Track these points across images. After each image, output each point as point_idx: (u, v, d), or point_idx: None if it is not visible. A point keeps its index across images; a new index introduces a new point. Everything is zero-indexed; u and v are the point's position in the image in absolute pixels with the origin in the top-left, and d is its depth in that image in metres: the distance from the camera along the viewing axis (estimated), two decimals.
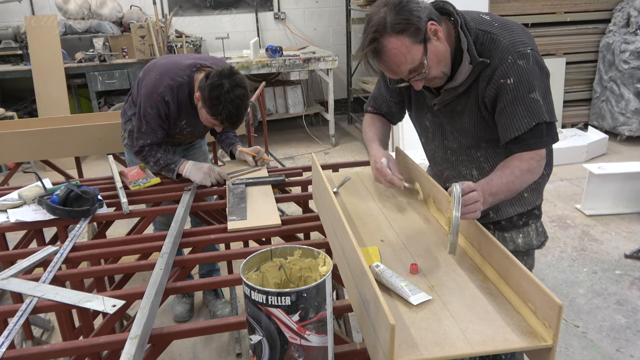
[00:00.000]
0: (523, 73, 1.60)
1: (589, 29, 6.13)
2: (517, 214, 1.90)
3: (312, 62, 6.14)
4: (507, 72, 1.60)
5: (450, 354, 1.13)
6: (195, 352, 2.85)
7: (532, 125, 1.62)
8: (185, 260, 1.88)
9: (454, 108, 1.78)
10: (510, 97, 1.62)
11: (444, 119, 1.85)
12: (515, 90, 1.61)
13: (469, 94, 1.72)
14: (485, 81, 1.65)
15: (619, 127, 5.95)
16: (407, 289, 1.32)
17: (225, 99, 2.31)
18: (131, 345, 1.32)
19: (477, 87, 1.68)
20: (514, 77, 1.60)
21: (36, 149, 3.12)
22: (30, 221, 2.18)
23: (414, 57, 1.57)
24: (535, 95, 1.61)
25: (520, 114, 1.62)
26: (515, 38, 1.63)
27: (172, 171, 2.57)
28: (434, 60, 1.61)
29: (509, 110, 1.63)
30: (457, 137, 1.85)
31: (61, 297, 1.60)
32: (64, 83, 5.79)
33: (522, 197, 1.87)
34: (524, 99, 1.61)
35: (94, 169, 5.66)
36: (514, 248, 1.91)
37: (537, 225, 1.94)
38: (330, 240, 1.75)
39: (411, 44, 1.55)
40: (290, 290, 1.06)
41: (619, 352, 2.73)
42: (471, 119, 1.76)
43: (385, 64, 1.61)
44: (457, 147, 1.87)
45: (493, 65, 1.62)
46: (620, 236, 3.92)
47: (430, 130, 1.94)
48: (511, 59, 1.60)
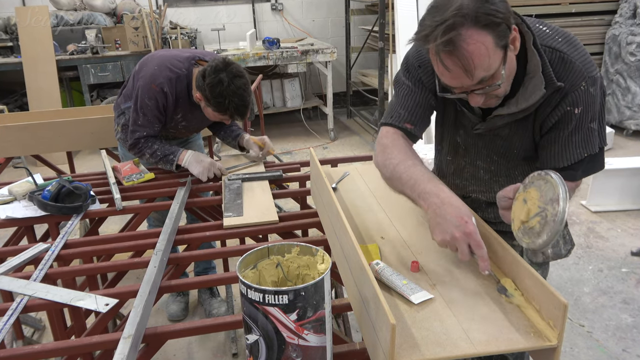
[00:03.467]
0: (591, 102, 1.46)
1: (594, 20, 6.12)
2: None
3: (310, 54, 6.13)
4: (578, 100, 1.44)
5: (453, 354, 1.13)
6: (190, 352, 2.85)
7: (583, 157, 1.51)
8: (180, 258, 1.88)
9: (499, 133, 1.60)
10: (572, 127, 1.48)
11: (481, 142, 1.67)
12: (579, 120, 1.47)
13: (525, 120, 1.54)
14: (551, 107, 1.48)
15: (626, 121, 5.95)
16: (408, 287, 1.32)
17: (228, 93, 2.32)
18: (124, 345, 1.32)
19: (536, 112, 1.52)
20: (583, 107, 1.45)
21: (27, 144, 3.12)
22: (20, 217, 2.18)
23: (492, 63, 1.32)
24: (595, 124, 1.49)
25: (575, 143, 1.50)
26: (585, 58, 1.45)
27: (170, 162, 2.56)
28: (507, 73, 1.38)
29: (565, 139, 1.50)
30: (496, 160, 1.69)
31: (52, 295, 1.60)
32: (55, 76, 5.78)
33: None
34: (582, 129, 1.49)
35: (87, 164, 5.66)
36: (543, 260, 1.75)
37: (564, 233, 1.75)
38: (329, 237, 1.75)
39: (494, 45, 1.30)
40: (288, 289, 1.06)
41: (625, 352, 2.74)
42: (522, 144, 1.60)
43: (460, 61, 1.30)
44: (495, 169, 1.71)
45: (564, 90, 1.45)
46: (627, 233, 3.92)
47: (462, 147, 1.74)
48: (584, 86, 1.43)
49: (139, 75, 2.54)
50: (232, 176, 2.45)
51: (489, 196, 1.78)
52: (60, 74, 5.93)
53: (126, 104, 2.66)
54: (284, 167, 2.69)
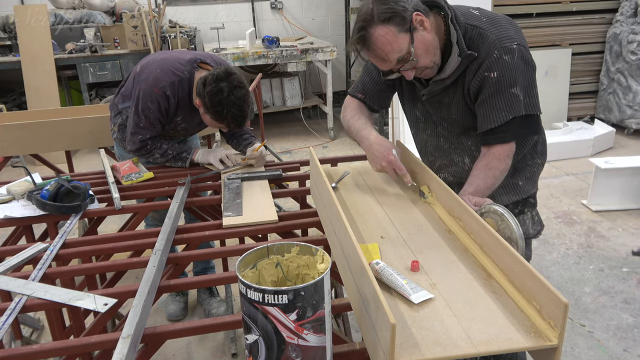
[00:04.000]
0: (507, 68, 1.71)
1: (595, 19, 6.12)
2: (513, 202, 1.98)
3: (310, 53, 6.13)
4: (492, 66, 1.71)
5: (453, 354, 1.13)
6: (189, 352, 2.85)
7: (508, 119, 1.74)
8: (179, 258, 1.87)
9: (441, 100, 1.89)
10: (492, 91, 1.73)
11: (432, 109, 1.96)
12: (497, 84, 1.72)
13: (456, 86, 1.83)
14: (472, 74, 1.76)
15: (627, 120, 5.95)
16: (408, 287, 1.32)
17: (227, 103, 2.35)
18: (123, 345, 1.32)
19: (463, 80, 1.80)
20: (498, 72, 1.71)
21: (25, 143, 3.12)
22: (19, 217, 2.18)
23: (400, 46, 1.67)
24: (516, 90, 1.73)
25: (499, 106, 1.74)
26: (503, 33, 1.73)
27: (184, 160, 2.62)
28: (422, 49, 1.70)
29: (489, 102, 1.75)
30: (446, 127, 1.97)
31: (51, 295, 1.60)
32: (54, 74, 5.78)
33: (516, 185, 1.97)
34: (504, 93, 1.73)
35: (85, 164, 5.66)
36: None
37: (532, 214, 2.02)
38: (329, 237, 1.75)
39: (397, 32, 1.65)
40: (288, 289, 1.06)
41: (626, 352, 2.74)
42: (458, 110, 1.87)
43: (374, 53, 1.70)
44: (449, 135, 1.98)
45: (480, 58, 1.73)
46: (628, 232, 3.92)
47: (421, 120, 2.05)
48: (497, 54, 1.70)
49: (140, 77, 2.54)
50: (232, 175, 2.45)
51: (455, 171, 2.05)
52: (59, 72, 5.93)
53: (124, 104, 2.66)
54: (284, 166, 2.69)
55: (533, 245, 3.78)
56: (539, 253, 3.70)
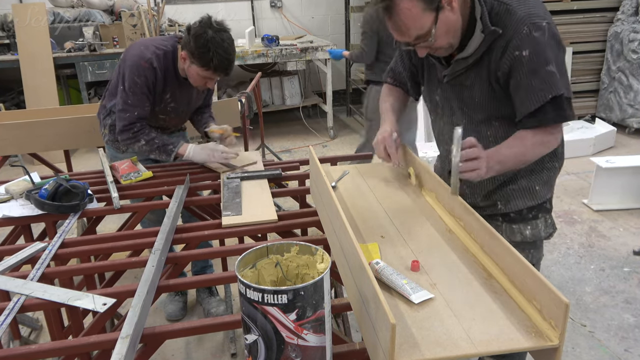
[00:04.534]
0: (539, 45, 1.60)
1: (596, 18, 6.12)
2: (527, 207, 1.91)
3: (309, 51, 6.13)
4: (522, 44, 1.60)
5: (453, 354, 1.13)
6: (188, 352, 2.85)
7: (548, 98, 1.62)
8: (178, 257, 1.87)
9: (463, 82, 1.80)
10: (525, 70, 1.62)
11: (452, 93, 1.86)
12: (530, 62, 1.61)
13: (480, 66, 1.72)
14: (499, 53, 1.66)
15: (628, 119, 5.95)
16: (408, 286, 1.32)
17: (213, 44, 2.39)
18: (122, 345, 1.32)
19: (489, 59, 1.69)
20: (529, 49, 1.60)
21: (24, 142, 3.12)
22: (17, 216, 2.17)
23: (423, 24, 1.60)
24: (552, 67, 1.61)
25: (536, 87, 1.62)
26: (532, 10, 1.63)
27: (169, 152, 2.59)
28: (443, 29, 1.63)
29: (524, 83, 1.64)
30: (467, 113, 1.85)
31: (50, 295, 1.60)
32: (52, 73, 5.77)
33: (533, 190, 1.89)
34: (539, 72, 1.61)
35: (84, 163, 5.65)
36: (521, 239, 1.92)
37: (546, 218, 1.95)
38: (329, 237, 1.74)
39: (423, 9, 1.57)
40: (287, 288, 1.06)
41: (627, 352, 2.74)
42: (482, 93, 1.77)
43: (394, 24, 1.63)
44: (467, 123, 1.85)
45: (507, 36, 1.63)
46: (629, 232, 3.92)
47: (439, 106, 1.95)
48: (526, 30, 1.60)
49: (124, 61, 2.58)
50: (231, 175, 2.44)
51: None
52: (58, 71, 5.92)
53: (111, 102, 2.69)
54: (283, 165, 2.68)
55: None
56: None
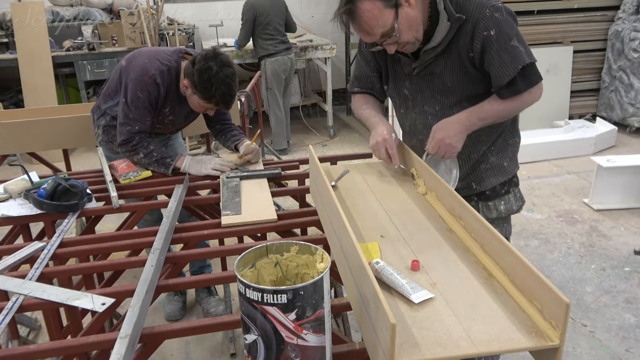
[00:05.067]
0: (501, 24, 1.81)
1: (597, 16, 6.12)
2: (500, 183, 2.11)
3: (309, 50, 6.12)
4: (488, 24, 1.80)
5: (453, 354, 1.13)
6: (187, 352, 2.85)
7: (518, 69, 1.82)
8: (178, 257, 1.87)
9: (433, 70, 1.95)
10: (495, 48, 1.81)
11: (423, 83, 2.01)
12: (497, 40, 1.81)
13: (448, 52, 1.90)
14: (469, 36, 1.84)
15: (629, 118, 5.95)
16: (408, 286, 1.32)
17: (216, 80, 2.38)
18: (121, 345, 1.32)
19: (457, 44, 1.87)
20: (495, 29, 1.80)
21: (22, 141, 3.11)
22: (16, 216, 2.17)
23: (385, 21, 1.75)
24: (515, 42, 1.82)
25: (506, 61, 1.82)
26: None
27: (167, 166, 2.55)
28: (405, 25, 1.78)
29: (497, 59, 1.83)
30: (439, 99, 2.01)
31: (48, 295, 1.60)
32: (51, 72, 5.77)
33: (502, 166, 2.09)
34: (506, 48, 1.81)
35: (83, 162, 5.65)
36: (497, 215, 2.12)
37: (515, 192, 2.15)
38: (328, 236, 1.74)
39: (383, 7, 1.73)
40: (287, 288, 1.06)
41: (628, 352, 2.74)
42: (453, 77, 1.93)
43: (359, 26, 1.78)
44: (439, 109, 2.02)
45: (472, 20, 1.82)
46: (630, 232, 3.92)
47: (409, 99, 2.09)
48: (489, 12, 1.80)
49: (127, 69, 2.54)
50: (231, 174, 2.44)
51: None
52: (56, 70, 5.93)
53: (107, 104, 2.67)
54: (283, 164, 2.68)
55: (533, 244, 3.79)
56: (540, 252, 3.70)
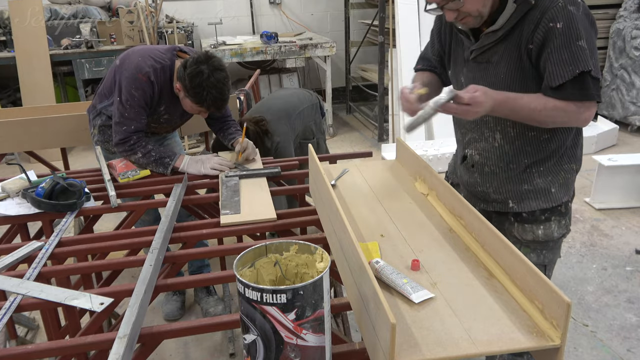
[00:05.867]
0: (573, 19, 1.60)
1: (598, 14, 6.11)
2: (540, 209, 1.88)
3: (309, 48, 6.12)
4: (557, 15, 1.60)
5: (454, 354, 1.13)
6: (186, 352, 2.85)
7: (576, 74, 1.61)
8: (176, 256, 1.87)
9: (490, 58, 1.78)
10: (558, 43, 1.61)
11: (478, 72, 1.83)
12: (562, 35, 1.60)
13: (509, 40, 1.71)
14: (533, 25, 1.64)
15: (630, 116, 5.95)
16: (409, 286, 1.32)
17: (207, 85, 2.39)
18: (120, 344, 1.32)
19: (520, 33, 1.68)
20: (564, 22, 1.60)
21: (20, 140, 3.11)
22: (14, 215, 2.17)
23: None
24: (583, 43, 1.61)
25: (565, 60, 1.61)
26: None
27: (166, 166, 2.55)
28: None
29: (555, 56, 1.63)
30: None
31: (46, 294, 1.60)
32: (49, 70, 5.76)
33: (549, 192, 1.86)
34: (570, 46, 1.61)
35: (81, 161, 5.64)
36: (532, 238, 1.91)
37: (559, 220, 1.92)
38: (328, 235, 1.74)
39: None
40: (286, 288, 1.06)
41: (630, 352, 2.74)
42: (508, 69, 1.74)
43: None
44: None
45: (542, 7, 1.62)
46: (632, 231, 3.92)
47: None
48: (562, 3, 1.60)
49: (121, 68, 2.55)
50: (230, 173, 2.44)
51: (482, 148, 1.92)
52: (54, 68, 5.91)
53: (102, 104, 2.67)
54: (282, 163, 2.68)
55: None
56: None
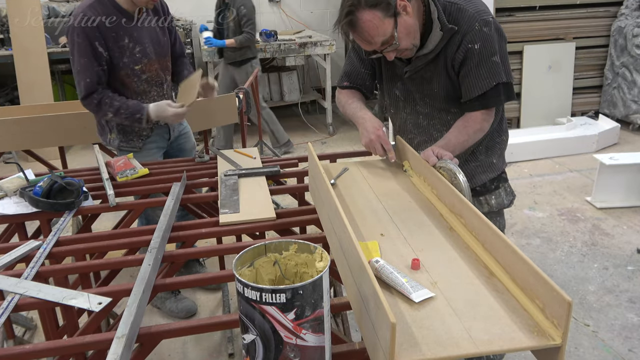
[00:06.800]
0: (487, 39, 1.90)
1: (599, 12, 6.11)
2: (489, 180, 2.20)
3: (308, 46, 6.12)
4: (475, 38, 1.89)
5: (454, 354, 1.13)
6: (185, 352, 2.85)
7: (492, 85, 1.93)
8: (175, 256, 1.87)
9: (423, 75, 2.05)
10: (476, 61, 1.91)
11: (414, 86, 2.11)
12: (480, 54, 1.90)
13: (437, 60, 1.99)
14: (455, 46, 1.92)
15: (632, 115, 5.95)
16: (409, 285, 1.32)
17: None
18: (118, 344, 1.32)
19: (445, 53, 1.96)
20: (480, 43, 1.89)
21: (18, 139, 3.11)
22: (11, 214, 2.17)
23: (385, 30, 1.83)
24: (497, 58, 1.92)
25: (483, 75, 1.93)
26: (478, 7, 1.92)
27: (139, 120, 2.65)
28: (404, 32, 1.87)
29: (473, 72, 1.93)
30: (428, 102, 2.11)
31: (44, 294, 1.59)
32: (47, 69, 5.76)
33: (492, 163, 2.19)
34: (487, 62, 1.92)
35: (79, 160, 5.65)
36: (488, 209, 2.21)
37: (505, 187, 2.26)
38: (328, 235, 1.74)
39: (382, 17, 1.81)
40: (286, 287, 1.06)
41: (631, 352, 2.74)
42: (440, 84, 2.03)
43: (360, 35, 1.86)
44: (429, 111, 2.13)
45: (462, 31, 1.90)
46: (633, 230, 3.93)
47: (400, 99, 2.20)
48: (478, 26, 1.88)
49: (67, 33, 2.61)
50: (229, 172, 2.44)
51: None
52: (52, 66, 5.92)
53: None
54: (282, 162, 2.68)
55: (535, 243, 3.79)
56: (542, 251, 3.70)
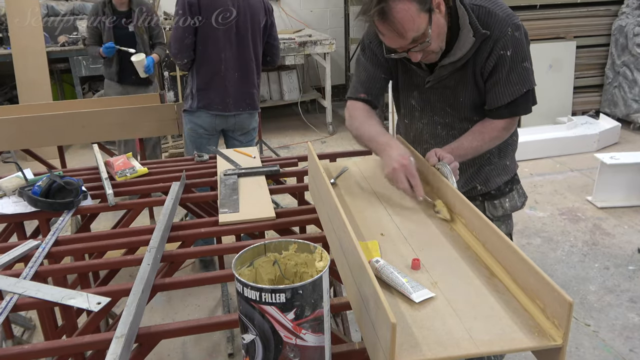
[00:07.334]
0: (518, 44, 1.81)
1: (600, 11, 6.11)
2: (504, 182, 2.14)
3: (308, 45, 6.12)
4: (507, 44, 1.79)
5: (454, 354, 1.13)
6: (184, 352, 2.85)
7: (522, 92, 1.85)
8: (174, 255, 1.87)
9: (446, 84, 1.93)
10: (507, 68, 1.82)
11: (433, 95, 1.99)
12: (512, 61, 1.81)
13: (465, 68, 1.87)
14: (486, 53, 1.82)
15: (633, 114, 5.95)
16: (409, 285, 1.32)
17: None
18: (117, 344, 1.32)
19: (474, 60, 1.85)
20: (512, 49, 1.80)
21: (17, 138, 3.11)
22: (10, 214, 2.17)
23: (419, 24, 1.67)
24: (527, 64, 1.84)
25: (513, 81, 1.84)
26: (506, 10, 1.82)
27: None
28: (436, 32, 1.74)
29: (503, 78, 1.84)
30: (449, 112, 2.00)
31: (43, 294, 1.59)
32: (46, 68, 5.76)
33: (506, 166, 2.12)
34: (517, 68, 1.83)
35: (78, 159, 5.65)
36: (502, 213, 2.15)
37: (518, 188, 2.19)
38: (328, 234, 1.74)
39: (418, 10, 1.65)
40: (285, 287, 1.06)
41: (632, 352, 2.74)
42: (466, 92, 1.92)
43: (392, 26, 1.66)
44: (450, 121, 2.03)
45: (494, 37, 1.79)
46: (634, 230, 3.93)
47: (417, 109, 2.08)
48: (510, 31, 1.79)
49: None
50: (228, 171, 2.44)
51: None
52: (51, 66, 5.91)
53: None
54: (281, 162, 2.68)
55: (536, 243, 3.79)
56: (543, 250, 3.70)
